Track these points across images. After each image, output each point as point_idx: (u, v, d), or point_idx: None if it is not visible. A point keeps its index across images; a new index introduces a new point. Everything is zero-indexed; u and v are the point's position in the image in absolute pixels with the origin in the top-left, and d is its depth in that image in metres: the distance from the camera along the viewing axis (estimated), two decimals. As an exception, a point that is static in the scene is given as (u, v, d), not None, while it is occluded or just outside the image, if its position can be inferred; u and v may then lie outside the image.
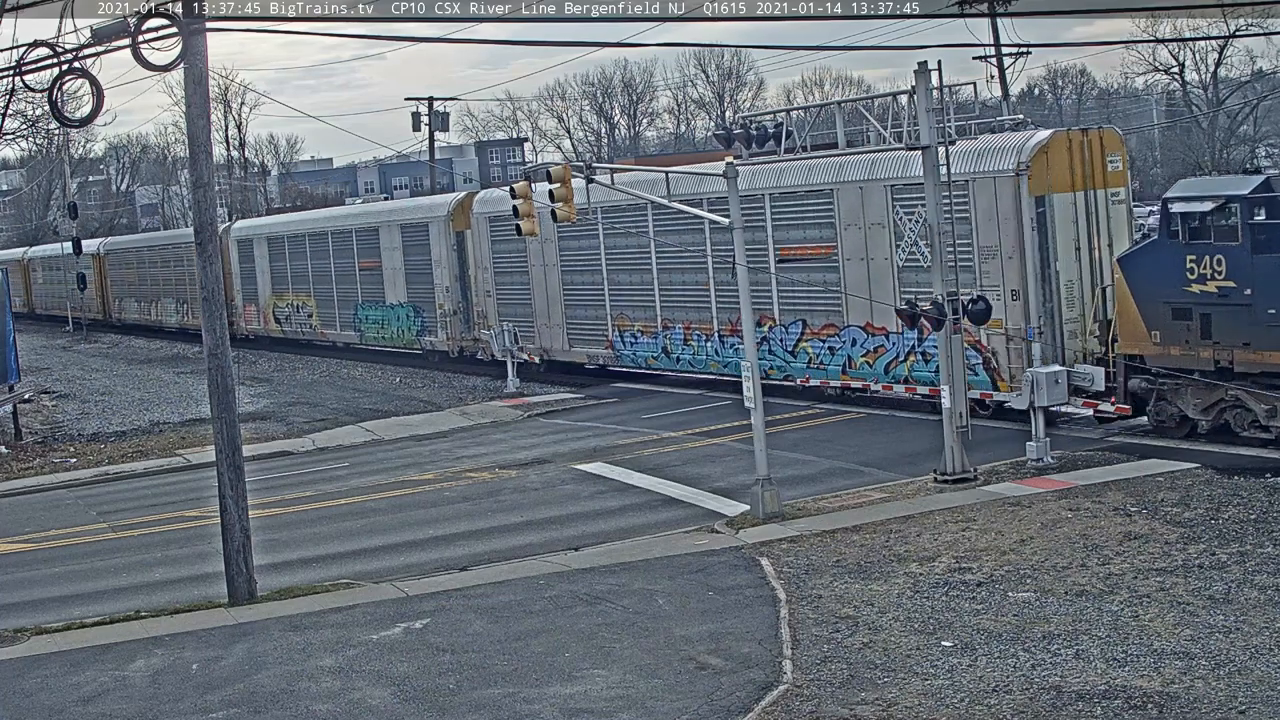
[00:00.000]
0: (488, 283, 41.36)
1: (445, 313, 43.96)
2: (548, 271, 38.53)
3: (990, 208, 26.17)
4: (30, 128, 48.62)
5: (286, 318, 55.06)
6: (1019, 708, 13.03)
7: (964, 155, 25.92)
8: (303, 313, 53.55)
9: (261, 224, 61.13)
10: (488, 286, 41.36)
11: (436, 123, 65.94)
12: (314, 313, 52.74)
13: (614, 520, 22.68)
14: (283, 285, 55.05)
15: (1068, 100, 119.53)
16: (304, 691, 15.21)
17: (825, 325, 30.17)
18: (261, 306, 56.90)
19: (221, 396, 19.47)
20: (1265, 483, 20.58)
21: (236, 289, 58.43)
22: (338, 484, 27.91)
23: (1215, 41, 70.68)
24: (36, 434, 37.70)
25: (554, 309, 38.54)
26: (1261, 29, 63.68)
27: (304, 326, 53.82)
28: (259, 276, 56.79)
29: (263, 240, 56.77)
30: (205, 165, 19.51)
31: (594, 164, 30.12)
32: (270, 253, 55.94)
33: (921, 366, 27.84)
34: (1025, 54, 56.14)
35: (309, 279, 52.69)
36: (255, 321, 57.63)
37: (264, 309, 56.69)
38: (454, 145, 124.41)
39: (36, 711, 15.37)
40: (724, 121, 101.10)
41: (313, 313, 52.81)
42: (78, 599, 20.61)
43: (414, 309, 45.65)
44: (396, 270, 46.56)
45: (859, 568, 18.12)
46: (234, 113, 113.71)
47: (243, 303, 58.34)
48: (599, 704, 14.07)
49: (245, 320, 58.19)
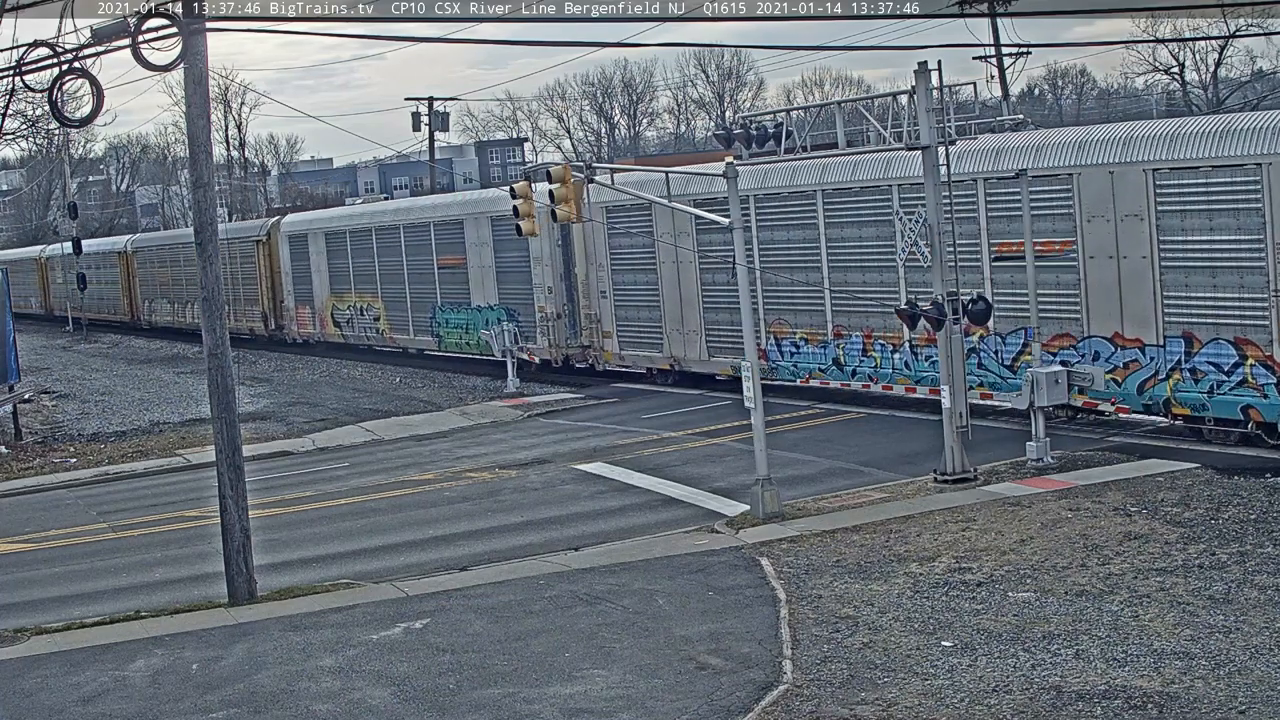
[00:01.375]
0: (603, 282, 37.13)
1: (547, 316, 39.46)
2: (681, 270, 34.01)
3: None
4: (30, 128, 48.65)
5: (348, 321, 50.30)
6: (1019, 708, 13.03)
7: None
8: (367, 315, 48.89)
9: (319, 218, 55.37)
10: (603, 287, 37.19)
11: (436, 123, 66.00)
12: (381, 315, 48.04)
13: (614, 520, 22.68)
14: (344, 285, 50.39)
15: (1068, 100, 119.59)
16: (304, 691, 15.22)
17: (1058, 336, 25.36)
18: (318, 309, 52.18)
19: (221, 396, 19.48)
20: (1265, 483, 20.58)
21: (288, 290, 54.47)
22: (338, 484, 27.91)
23: (1215, 41, 70.72)
24: (36, 434, 37.71)
25: (689, 313, 34.12)
26: (1261, 29, 63.73)
27: (369, 331, 49.14)
28: (315, 276, 52.07)
29: (320, 235, 51.79)
30: (205, 165, 19.51)
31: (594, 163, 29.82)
32: (329, 249, 51.00)
33: (1190, 386, 23.46)
34: (1025, 54, 56.25)
35: (376, 278, 48.04)
36: (310, 325, 52.91)
37: (321, 311, 51.98)
38: (454, 145, 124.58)
39: (36, 711, 15.37)
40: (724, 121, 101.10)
41: (380, 315, 48.14)
42: (78, 599, 20.61)
43: (507, 312, 40.99)
44: (485, 269, 41.92)
45: (859, 568, 18.12)
46: (234, 113, 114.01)
47: (295, 305, 54.12)
48: (599, 704, 14.07)
49: (298, 324, 53.96)
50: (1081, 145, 25.09)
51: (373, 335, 49.10)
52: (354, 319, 49.83)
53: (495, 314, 41.45)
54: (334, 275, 50.89)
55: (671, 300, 34.69)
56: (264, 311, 56.33)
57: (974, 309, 23.23)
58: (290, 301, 54.29)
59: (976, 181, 26.48)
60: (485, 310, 42.06)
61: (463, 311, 43.31)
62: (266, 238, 55.58)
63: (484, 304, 42.14)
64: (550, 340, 39.35)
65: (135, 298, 72.02)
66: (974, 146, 26.51)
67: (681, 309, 34.36)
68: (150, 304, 69.67)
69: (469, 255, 42.63)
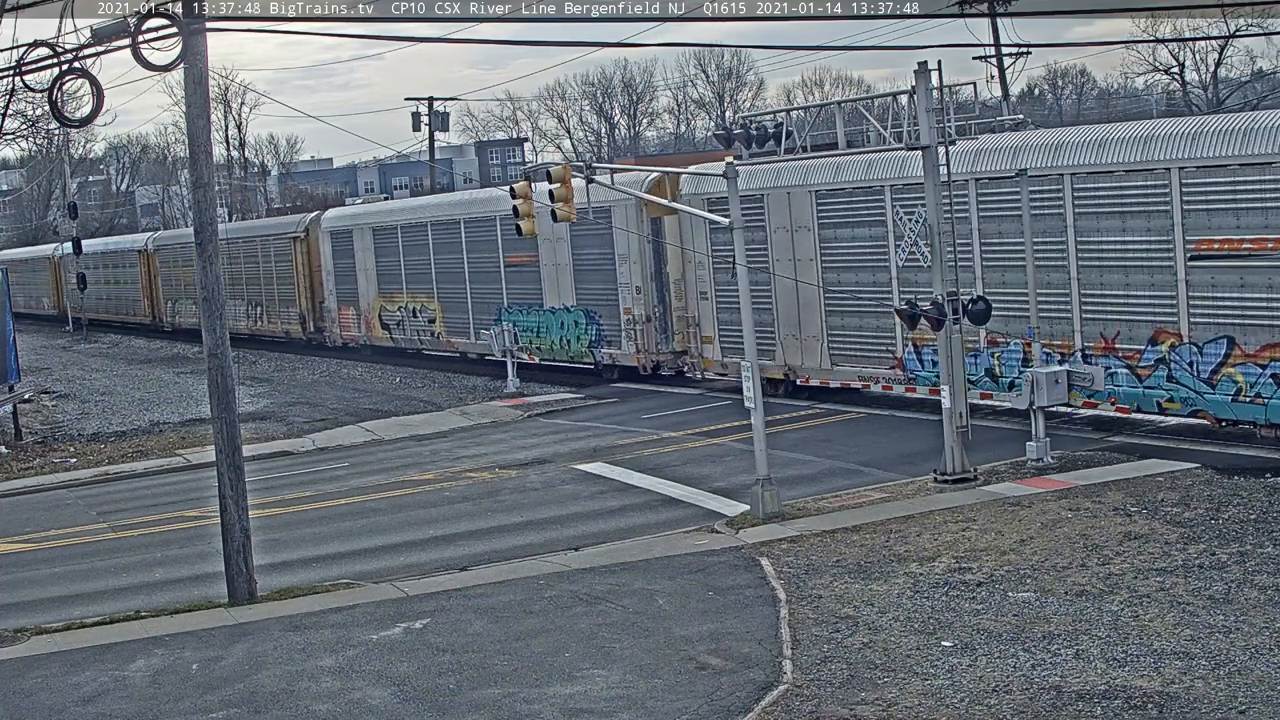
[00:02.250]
0: (703, 282, 33.59)
1: (634, 319, 35.62)
2: (800, 268, 30.46)
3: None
4: (30, 128, 48.64)
5: (398, 323, 46.43)
6: (1019, 708, 13.03)
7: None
8: (421, 317, 45.13)
9: (366, 212, 50.98)
10: (703, 287, 33.67)
11: (436, 123, 65.98)
12: (437, 318, 44.31)
13: (614, 520, 22.68)
14: (393, 285, 46.55)
15: (1068, 100, 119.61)
16: (304, 691, 15.22)
17: (1268, 346, 22.32)
18: (364, 310, 48.49)
19: (221, 396, 19.48)
20: (1265, 483, 20.58)
21: (329, 290, 50.65)
22: (338, 484, 27.91)
23: (1215, 41, 70.75)
24: (36, 434, 37.71)
25: (809, 316, 30.62)
26: (1261, 29, 63.80)
27: (422, 334, 45.55)
28: (361, 275, 48.26)
29: (366, 231, 47.99)
30: (205, 165, 19.51)
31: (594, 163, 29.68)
32: (377, 246, 46.94)
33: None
34: (1025, 54, 56.30)
35: (431, 277, 44.34)
36: (355, 327, 49.14)
37: (367, 313, 48.24)
38: (454, 145, 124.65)
39: (36, 711, 15.38)
40: (724, 121, 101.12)
41: (435, 318, 44.36)
42: (78, 599, 20.61)
43: (586, 314, 37.40)
44: (560, 266, 37.94)
45: (859, 568, 18.12)
46: (234, 113, 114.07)
47: (337, 306, 50.30)
48: (599, 704, 14.07)
49: (341, 326, 50.34)
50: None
51: (427, 339, 45.36)
52: (405, 321, 46.19)
53: (573, 316, 37.87)
54: (383, 274, 47.14)
55: (787, 302, 31.15)
56: (301, 313, 53.34)
57: (974, 309, 23.23)
58: (332, 302, 50.77)
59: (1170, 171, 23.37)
60: (561, 312, 38.37)
61: (534, 314, 39.27)
62: (305, 234, 52.60)
63: (560, 305, 38.32)
64: (638, 345, 35.78)
65: (157, 298, 68.54)
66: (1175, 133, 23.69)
67: (799, 312, 30.88)
68: (174, 305, 66.02)
69: (541, 252, 38.44)
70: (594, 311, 37.23)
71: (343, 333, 50.31)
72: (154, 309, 68.82)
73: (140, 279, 69.65)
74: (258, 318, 56.97)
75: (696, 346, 34.39)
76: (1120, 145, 24.51)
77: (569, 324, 37.99)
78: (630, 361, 36.08)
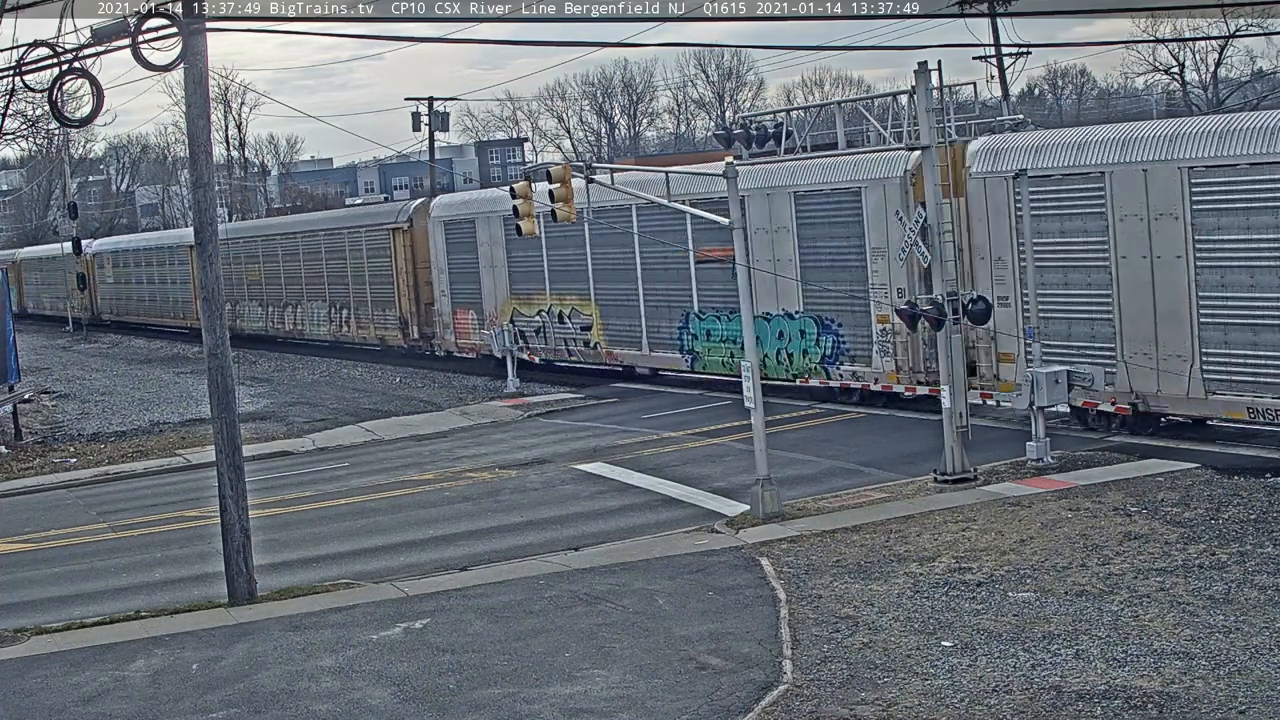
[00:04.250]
0: (1004, 282, 26.18)
1: (893, 329, 28.31)
2: (1161, 268, 23.61)
3: None
4: (30, 128, 48.61)
5: (537, 331, 39.56)
6: (1019, 708, 13.03)
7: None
8: (572, 324, 38.13)
9: (493, 198, 40.93)
10: (1003, 290, 26.14)
11: (436, 123, 65.89)
12: (595, 324, 37.40)
13: (614, 520, 22.68)
14: (531, 284, 39.59)
15: (1068, 100, 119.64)
16: (304, 691, 15.22)
17: None
18: (488, 315, 41.45)
19: (221, 396, 19.48)
20: (1265, 483, 20.58)
21: (440, 290, 43.61)
22: (338, 484, 27.91)
23: (1215, 41, 70.77)
24: (36, 434, 37.71)
25: (1170, 328, 23.56)
26: (1261, 29, 63.82)
27: (572, 344, 38.37)
28: (486, 272, 41.35)
29: (494, 220, 40.09)
30: (205, 165, 19.52)
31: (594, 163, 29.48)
32: (509, 239, 39.12)
33: None
34: (1025, 54, 56.31)
35: (587, 275, 37.29)
36: (477, 334, 42.06)
37: (493, 318, 41.15)
38: (454, 145, 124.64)
39: (36, 711, 15.38)
40: (724, 121, 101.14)
41: (592, 324, 37.47)
42: (78, 599, 20.61)
43: (817, 322, 30.38)
44: (782, 263, 30.83)
45: (859, 568, 18.12)
46: (234, 113, 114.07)
47: (452, 309, 43.24)
48: (599, 704, 14.07)
49: (457, 333, 43.30)
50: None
51: (579, 350, 38.30)
52: (547, 328, 39.17)
53: (797, 325, 30.58)
54: (516, 271, 40.07)
55: (1136, 309, 24.14)
56: (402, 317, 46.47)
57: (974, 309, 23.25)
58: (444, 305, 43.64)
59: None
60: (780, 320, 31.12)
61: (736, 320, 29.74)
62: (408, 224, 45.90)
63: (778, 311, 31.20)
64: (898, 361, 28.42)
65: None
66: None
67: (1155, 323, 23.83)
68: (233, 308, 57.43)
69: (755, 245, 30.79)
70: (828, 319, 30.10)
71: (458, 340, 43.31)
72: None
73: (193, 279, 57.74)
74: (342, 322, 50.10)
75: (990, 365, 27.00)
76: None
77: (791, 334, 30.77)
78: (885, 381, 29.01)
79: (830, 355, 29.75)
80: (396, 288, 46.65)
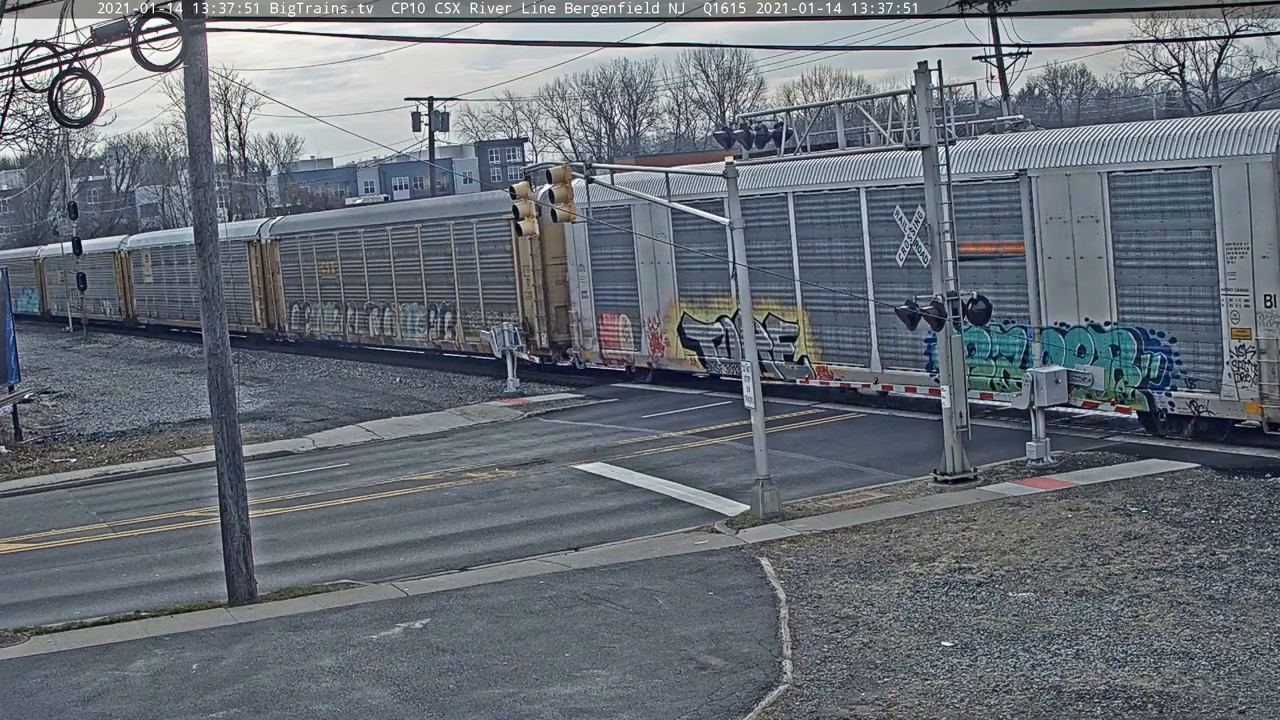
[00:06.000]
0: None
1: (1253, 347, 22.39)
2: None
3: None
4: (30, 128, 48.68)
5: (716, 341, 33.29)
6: (1019, 708, 13.03)
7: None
8: (769, 333, 31.25)
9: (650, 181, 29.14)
10: None
11: (436, 123, 65.96)
12: (801, 334, 30.85)
13: (614, 520, 22.69)
14: (708, 285, 33.23)
15: (1068, 100, 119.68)
16: (304, 691, 15.22)
17: None
18: (646, 320, 35.45)
19: (221, 396, 19.48)
20: (1265, 483, 20.58)
21: (580, 290, 37.44)
22: (338, 484, 27.91)
23: (1215, 41, 70.78)
24: (36, 434, 37.71)
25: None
26: (1261, 29, 63.86)
27: (769, 356, 31.16)
28: (643, 270, 35.18)
29: (658, 209, 30.94)
30: (205, 165, 19.52)
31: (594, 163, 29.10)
32: (676, 229, 33.12)
33: None
34: (1025, 54, 56.40)
35: (792, 273, 30.69)
36: (630, 344, 36.13)
37: (654, 325, 35.21)
38: (454, 145, 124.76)
39: (36, 711, 15.38)
40: (724, 121, 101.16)
41: (797, 334, 30.91)
42: (78, 599, 20.61)
43: (1139, 336, 24.15)
44: (1087, 261, 24.53)
45: (859, 568, 18.12)
46: (234, 113, 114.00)
47: (596, 313, 37.13)
48: (599, 704, 14.08)
49: (603, 343, 37.11)
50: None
51: (781, 364, 31.54)
52: (729, 338, 32.83)
53: (1107, 339, 24.52)
54: (685, 271, 33.94)
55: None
56: (526, 322, 39.54)
57: (974, 309, 23.22)
58: (586, 308, 37.47)
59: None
60: (1083, 332, 24.89)
61: (1014, 332, 25.90)
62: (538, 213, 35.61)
63: (1083, 321, 24.87)
64: (1263, 388, 22.33)
65: (275, 303, 54.23)
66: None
67: None
68: (301, 310, 51.76)
69: (1045, 239, 25.10)
70: (1157, 332, 23.93)
71: (605, 350, 37.14)
72: (268, 316, 54.80)
73: (251, 278, 55.15)
74: (445, 328, 43.48)
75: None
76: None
77: (1100, 350, 24.70)
78: (1239, 413, 22.86)
79: (1157, 378, 23.92)
80: (518, 287, 39.78)
